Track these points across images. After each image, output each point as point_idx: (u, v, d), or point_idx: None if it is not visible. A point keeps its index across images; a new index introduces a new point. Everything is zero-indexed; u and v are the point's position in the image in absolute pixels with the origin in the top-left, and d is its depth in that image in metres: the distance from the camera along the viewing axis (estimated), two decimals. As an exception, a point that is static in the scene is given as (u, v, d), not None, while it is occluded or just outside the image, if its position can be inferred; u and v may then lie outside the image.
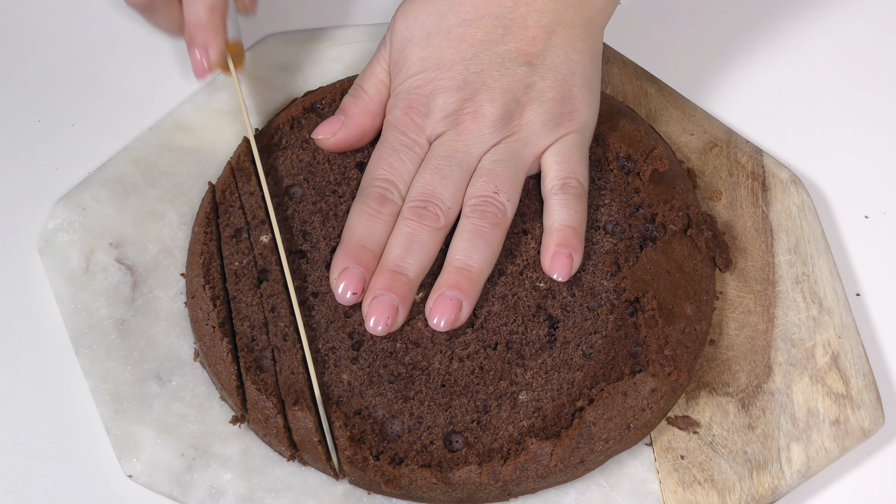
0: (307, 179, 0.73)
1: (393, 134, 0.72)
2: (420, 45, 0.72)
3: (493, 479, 0.65)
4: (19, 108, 0.81)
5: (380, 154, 0.72)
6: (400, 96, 0.73)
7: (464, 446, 0.66)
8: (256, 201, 0.73)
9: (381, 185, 0.71)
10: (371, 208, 0.70)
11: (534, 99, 0.71)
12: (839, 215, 0.79)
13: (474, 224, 0.69)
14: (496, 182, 0.70)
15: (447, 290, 0.68)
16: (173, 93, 0.81)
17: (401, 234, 0.69)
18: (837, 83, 0.84)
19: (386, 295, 0.68)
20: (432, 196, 0.70)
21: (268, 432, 0.67)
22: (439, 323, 0.68)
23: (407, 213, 0.70)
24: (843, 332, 0.72)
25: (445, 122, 0.71)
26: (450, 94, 0.71)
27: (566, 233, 0.70)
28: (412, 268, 0.69)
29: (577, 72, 0.72)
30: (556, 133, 0.72)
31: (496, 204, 0.70)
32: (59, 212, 0.75)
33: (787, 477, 0.68)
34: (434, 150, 0.71)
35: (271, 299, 0.70)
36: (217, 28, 0.73)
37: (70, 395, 0.71)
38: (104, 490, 0.69)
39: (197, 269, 0.71)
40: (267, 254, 0.71)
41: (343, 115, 0.74)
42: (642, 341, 0.68)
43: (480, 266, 0.69)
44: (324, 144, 0.75)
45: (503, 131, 0.71)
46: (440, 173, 0.70)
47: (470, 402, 0.67)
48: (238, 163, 0.74)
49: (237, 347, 0.69)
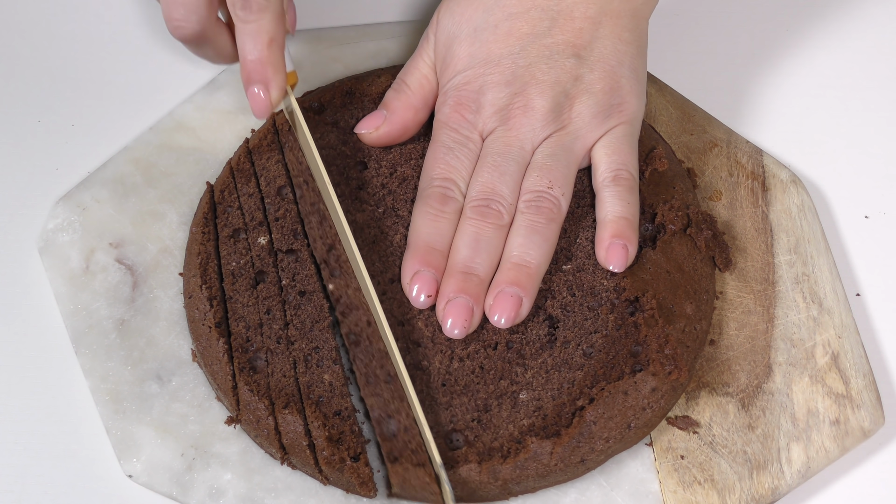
0: (306, 181, 0.73)
1: (445, 132, 0.72)
2: (467, 40, 0.72)
3: (492, 477, 0.65)
4: (19, 108, 0.81)
5: (434, 153, 0.72)
6: (449, 93, 0.73)
7: (464, 444, 0.66)
8: (255, 202, 0.73)
9: (440, 184, 0.71)
10: (434, 208, 0.70)
11: (583, 91, 0.71)
12: (839, 215, 0.79)
13: (530, 220, 0.69)
14: (550, 176, 0.70)
15: (506, 286, 0.68)
16: (173, 93, 0.81)
17: (467, 233, 0.69)
18: (838, 83, 0.84)
19: (460, 297, 0.68)
20: (493, 193, 0.70)
21: (259, 434, 0.67)
22: (500, 320, 0.68)
23: (470, 213, 0.70)
24: (843, 332, 0.72)
25: (496, 117, 0.71)
26: (499, 88, 0.71)
27: (620, 224, 0.70)
28: (482, 267, 0.68)
29: (624, 62, 0.72)
30: (605, 125, 0.72)
31: (551, 199, 0.70)
32: (59, 212, 0.75)
33: (787, 477, 0.68)
34: (488, 146, 0.71)
35: (267, 301, 0.70)
36: (277, 64, 0.70)
37: (70, 395, 0.71)
38: (104, 490, 0.69)
39: (194, 269, 0.71)
40: (264, 255, 0.71)
41: (385, 110, 0.74)
42: (643, 341, 0.68)
43: (538, 262, 0.69)
44: (366, 139, 0.74)
45: (554, 124, 0.71)
46: (498, 170, 0.70)
47: (470, 401, 0.67)
48: (238, 163, 0.74)
49: (232, 348, 0.69)
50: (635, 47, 0.73)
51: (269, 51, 0.69)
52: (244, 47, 0.69)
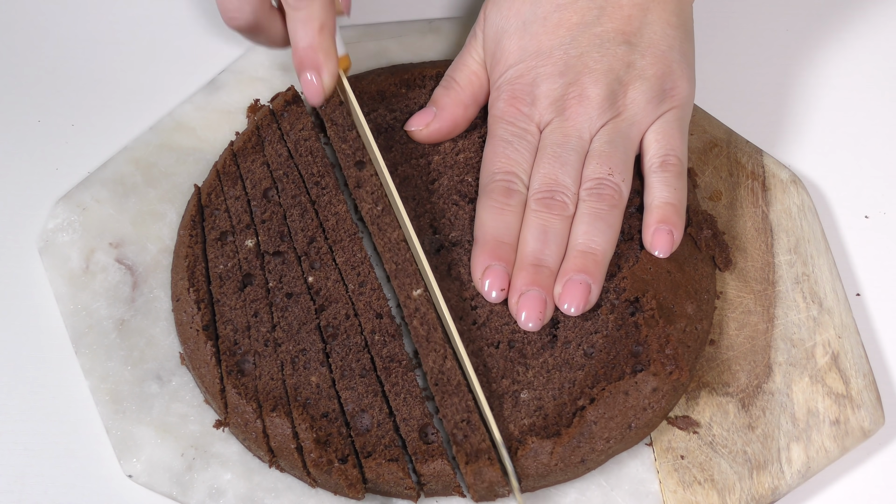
0: (287, 174, 0.73)
1: (502, 126, 0.72)
2: (517, 34, 0.73)
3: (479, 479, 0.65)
4: (19, 108, 0.81)
5: (494, 148, 0.72)
6: (502, 88, 0.73)
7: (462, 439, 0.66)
8: (242, 205, 0.73)
9: (503, 177, 0.71)
10: (499, 202, 0.70)
11: (636, 77, 0.72)
12: (839, 215, 0.79)
13: (593, 207, 0.70)
14: (609, 163, 0.70)
15: (574, 274, 0.68)
16: (173, 93, 0.81)
17: (534, 226, 0.69)
18: (837, 83, 0.84)
19: (533, 290, 0.68)
20: (556, 184, 0.70)
21: (247, 437, 0.67)
22: (569, 308, 0.68)
23: (535, 205, 0.70)
24: (843, 332, 0.72)
25: (552, 108, 0.72)
26: (553, 79, 0.71)
27: (667, 209, 0.70)
28: (551, 258, 0.69)
29: (674, 47, 0.72)
30: (659, 110, 0.72)
31: (612, 185, 0.70)
32: (59, 212, 0.75)
33: (787, 477, 0.68)
34: (546, 138, 0.72)
35: (254, 304, 0.70)
36: (329, 50, 0.71)
37: (70, 395, 0.71)
38: (104, 490, 0.69)
39: (182, 272, 0.71)
40: (251, 258, 0.71)
41: (435, 107, 0.75)
42: (643, 341, 0.68)
43: (604, 248, 0.69)
44: (417, 136, 0.75)
45: (609, 112, 0.71)
46: (559, 161, 0.70)
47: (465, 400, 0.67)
48: (223, 166, 0.74)
49: (220, 351, 0.69)
50: (683, 32, 0.73)
51: (320, 37, 0.70)
52: (295, 35, 0.70)
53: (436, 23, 0.84)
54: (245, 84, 0.80)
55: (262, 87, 0.80)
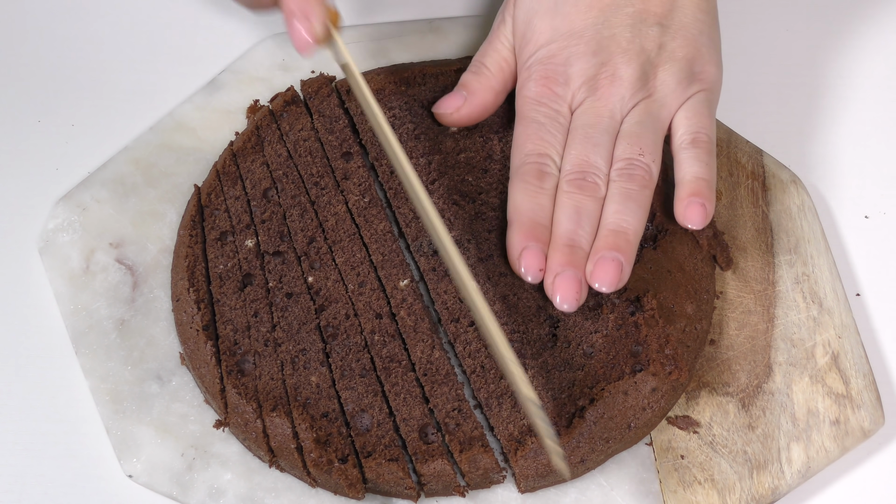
0: (286, 174, 0.73)
1: (534, 107, 0.72)
2: (548, 14, 0.73)
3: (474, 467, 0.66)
4: (19, 108, 0.81)
5: (525, 129, 0.72)
6: (533, 68, 0.73)
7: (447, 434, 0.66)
8: (242, 205, 0.73)
9: (535, 159, 0.71)
10: (532, 185, 0.70)
11: (666, 59, 0.72)
12: (839, 215, 0.79)
13: (623, 187, 0.69)
14: (640, 144, 0.70)
15: (606, 252, 0.68)
16: (173, 93, 0.81)
17: (567, 206, 0.69)
18: (837, 83, 0.84)
19: (568, 270, 0.68)
20: (588, 165, 0.70)
21: (247, 437, 0.67)
22: (601, 287, 0.68)
23: (567, 187, 0.70)
24: (843, 332, 0.72)
25: (585, 88, 0.72)
26: (586, 59, 0.71)
27: (699, 184, 0.70)
28: (585, 239, 0.69)
29: (704, 31, 0.73)
30: (688, 92, 0.72)
31: (642, 166, 0.70)
32: (59, 212, 0.75)
33: (787, 477, 0.68)
34: (578, 118, 0.71)
35: (254, 303, 0.70)
36: None
37: (70, 395, 0.71)
38: (104, 490, 0.69)
39: (182, 272, 0.71)
40: (251, 258, 0.71)
41: (465, 91, 0.74)
42: (643, 340, 0.68)
43: (635, 227, 0.69)
44: (446, 120, 0.75)
45: (641, 92, 0.71)
46: (590, 141, 0.70)
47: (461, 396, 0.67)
48: (223, 166, 0.74)
49: (220, 351, 0.69)
50: (711, 17, 0.73)
51: None
52: None
53: (436, 23, 0.84)
54: (245, 84, 0.80)
55: (262, 87, 0.80)
